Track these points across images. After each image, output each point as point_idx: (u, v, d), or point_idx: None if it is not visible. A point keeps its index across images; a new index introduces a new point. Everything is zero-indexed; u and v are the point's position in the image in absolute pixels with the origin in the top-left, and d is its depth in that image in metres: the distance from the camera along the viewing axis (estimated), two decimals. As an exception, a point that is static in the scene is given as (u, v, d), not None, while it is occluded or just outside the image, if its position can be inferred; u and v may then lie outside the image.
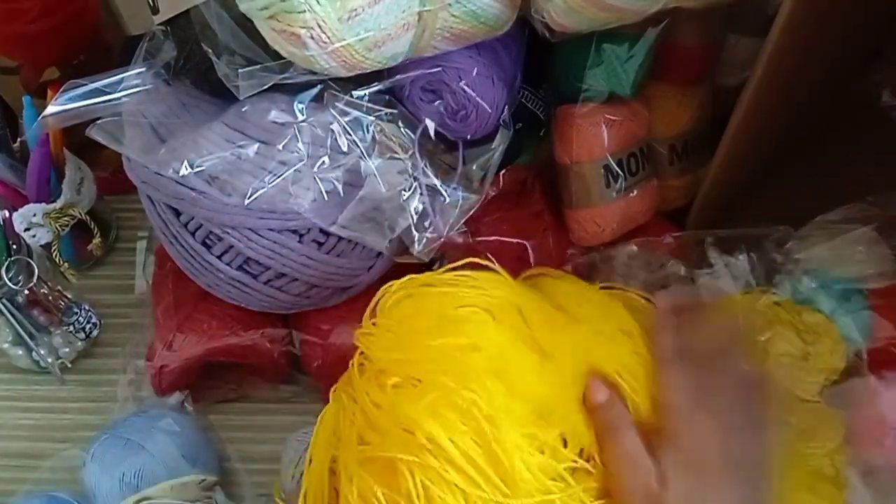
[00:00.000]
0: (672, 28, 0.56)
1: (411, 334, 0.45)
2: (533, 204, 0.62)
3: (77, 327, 0.66)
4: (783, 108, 0.60)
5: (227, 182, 0.50)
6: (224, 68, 0.47)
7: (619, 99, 0.58)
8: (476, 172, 0.56)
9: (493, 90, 0.53)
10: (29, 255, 0.63)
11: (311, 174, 0.51)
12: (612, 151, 0.58)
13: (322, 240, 0.54)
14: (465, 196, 0.55)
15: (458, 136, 0.55)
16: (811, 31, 0.51)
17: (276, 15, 0.42)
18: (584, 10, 0.47)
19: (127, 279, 0.71)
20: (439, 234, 0.54)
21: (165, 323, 0.61)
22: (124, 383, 0.64)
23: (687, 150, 0.64)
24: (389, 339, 0.45)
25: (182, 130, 0.52)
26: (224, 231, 0.52)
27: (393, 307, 0.46)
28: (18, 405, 0.66)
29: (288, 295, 0.57)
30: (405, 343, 0.44)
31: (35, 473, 0.60)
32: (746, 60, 0.57)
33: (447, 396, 0.41)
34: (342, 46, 0.43)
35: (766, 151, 0.67)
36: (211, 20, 0.47)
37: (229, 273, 0.55)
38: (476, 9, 0.47)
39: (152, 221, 0.56)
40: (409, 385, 0.42)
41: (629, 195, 0.60)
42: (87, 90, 0.51)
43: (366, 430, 0.42)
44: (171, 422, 0.57)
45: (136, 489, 0.54)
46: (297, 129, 0.50)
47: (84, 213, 0.65)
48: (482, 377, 0.41)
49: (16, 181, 0.63)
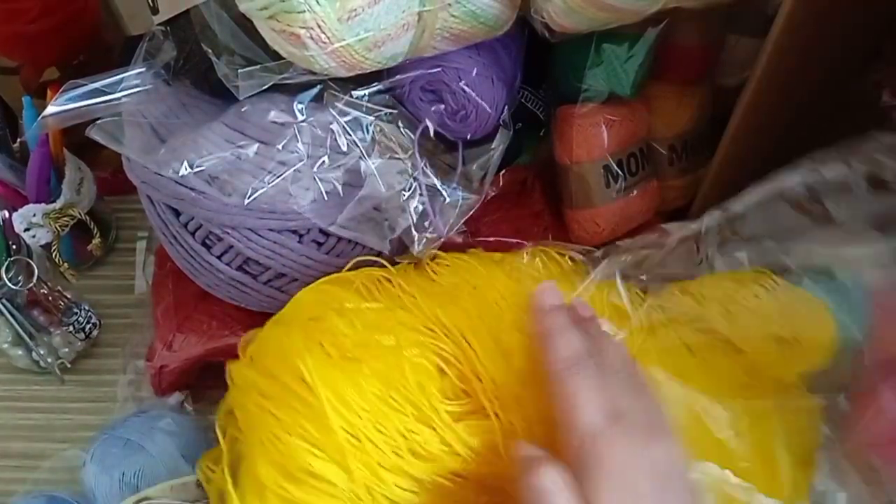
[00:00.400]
0: (672, 28, 0.56)
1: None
2: (533, 204, 0.62)
3: (77, 327, 0.66)
4: (783, 108, 0.60)
5: (226, 182, 0.50)
6: (224, 68, 0.47)
7: (618, 99, 0.58)
8: (476, 172, 0.56)
9: (493, 90, 0.53)
10: (29, 255, 0.63)
11: (311, 174, 0.51)
12: (612, 151, 0.58)
13: (322, 240, 0.54)
14: (465, 196, 0.55)
15: (458, 136, 0.55)
16: (811, 31, 0.51)
17: (276, 15, 0.42)
18: (584, 10, 0.47)
19: (127, 279, 0.71)
20: (439, 234, 0.54)
21: (165, 323, 0.61)
22: (124, 383, 0.64)
23: (687, 151, 0.64)
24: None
25: (182, 130, 0.52)
26: (224, 231, 0.52)
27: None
28: (18, 405, 0.66)
29: (288, 295, 0.56)
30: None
31: (35, 473, 0.60)
32: (746, 60, 0.57)
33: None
34: (342, 46, 0.43)
35: (765, 151, 0.67)
36: (211, 20, 0.47)
37: (229, 273, 0.55)
38: (476, 9, 0.47)
39: (152, 221, 0.56)
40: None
41: (629, 195, 0.60)
42: (87, 90, 0.51)
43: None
44: (170, 422, 0.57)
45: (135, 489, 0.54)
46: (297, 129, 0.50)
47: (84, 213, 0.65)
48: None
49: (16, 181, 0.64)
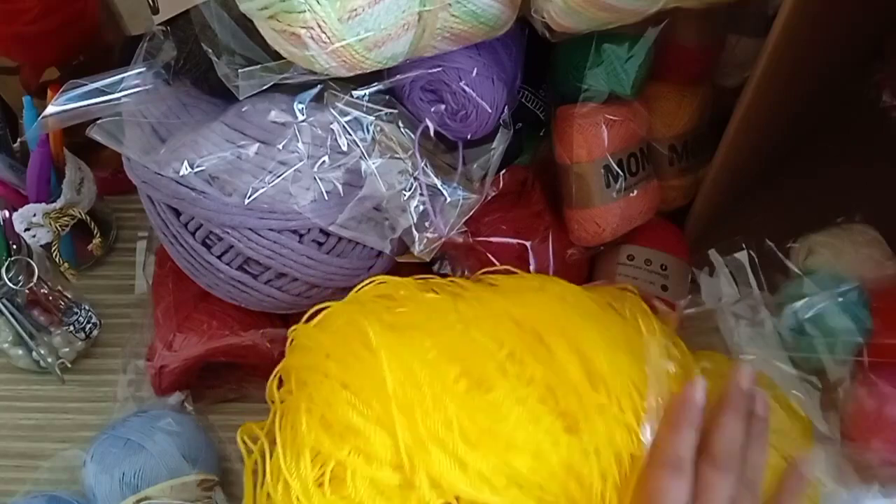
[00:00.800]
0: (672, 28, 0.56)
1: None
2: (533, 204, 0.62)
3: (77, 327, 0.66)
4: (783, 108, 0.60)
5: (227, 182, 0.50)
6: (224, 68, 0.47)
7: (619, 99, 0.58)
8: (476, 172, 0.56)
9: (493, 90, 0.53)
10: (29, 255, 0.63)
11: (311, 174, 0.51)
12: (612, 151, 0.58)
13: (322, 240, 0.54)
14: (466, 196, 0.55)
15: (458, 136, 0.55)
16: (811, 32, 0.51)
17: (276, 15, 0.42)
18: (584, 11, 0.47)
19: (127, 279, 0.71)
20: (440, 234, 0.54)
21: (165, 323, 0.61)
22: (124, 383, 0.64)
23: (687, 151, 0.64)
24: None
25: (182, 130, 0.52)
26: (224, 231, 0.52)
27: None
28: (18, 405, 0.66)
29: (288, 295, 0.57)
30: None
31: (35, 473, 0.60)
32: (746, 60, 0.57)
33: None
34: (342, 46, 0.43)
35: (766, 151, 0.67)
36: (211, 20, 0.47)
37: (229, 273, 0.55)
38: (476, 9, 0.47)
39: (152, 221, 0.56)
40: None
41: (629, 195, 0.60)
42: (87, 90, 0.51)
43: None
44: (170, 422, 0.57)
45: (136, 489, 0.54)
46: (297, 129, 0.50)
47: (84, 213, 0.65)
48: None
49: (16, 181, 0.63)
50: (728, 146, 0.56)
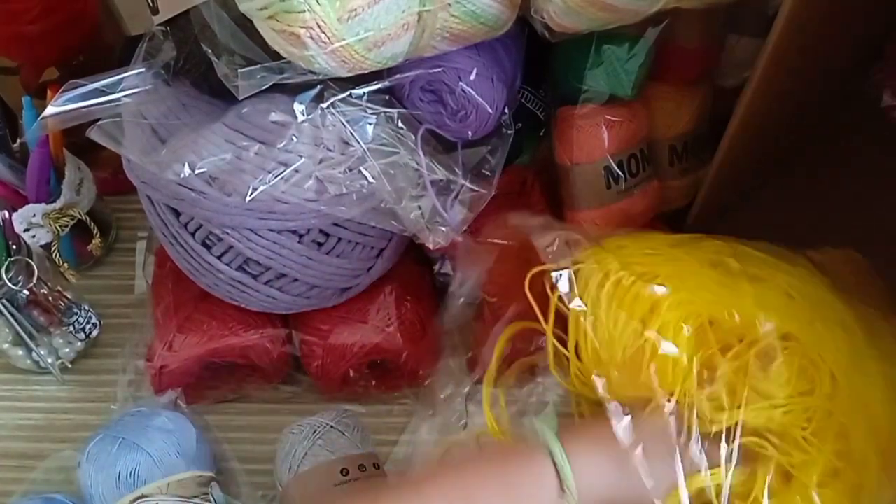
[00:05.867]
0: (672, 28, 0.56)
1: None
2: (533, 204, 0.62)
3: (77, 327, 0.66)
4: (783, 108, 0.60)
5: (227, 182, 0.50)
6: (224, 68, 0.47)
7: (619, 100, 0.58)
8: (481, 165, 0.56)
9: (493, 91, 0.53)
10: (29, 256, 0.63)
11: (311, 174, 0.51)
12: (613, 152, 0.58)
13: (322, 240, 0.54)
14: (471, 193, 0.55)
15: (458, 136, 0.55)
16: (811, 32, 0.51)
17: (276, 15, 0.42)
18: (584, 11, 0.47)
19: (127, 279, 0.71)
20: (447, 232, 0.54)
21: (165, 323, 0.61)
22: (124, 383, 0.64)
23: (687, 151, 0.64)
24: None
25: (182, 131, 0.52)
26: (224, 231, 0.52)
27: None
28: (18, 405, 0.66)
29: (288, 295, 0.57)
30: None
31: (31, 475, 0.60)
32: (746, 60, 0.57)
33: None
34: (342, 46, 0.43)
35: (765, 152, 0.67)
36: (211, 20, 0.47)
37: (229, 273, 0.55)
38: (476, 9, 0.47)
39: (152, 221, 0.56)
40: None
41: (630, 196, 0.60)
42: (87, 90, 0.51)
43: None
44: (165, 420, 0.57)
45: (132, 487, 0.54)
46: (297, 129, 0.50)
47: (84, 213, 0.65)
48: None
49: (16, 181, 0.64)
50: (728, 146, 0.56)
